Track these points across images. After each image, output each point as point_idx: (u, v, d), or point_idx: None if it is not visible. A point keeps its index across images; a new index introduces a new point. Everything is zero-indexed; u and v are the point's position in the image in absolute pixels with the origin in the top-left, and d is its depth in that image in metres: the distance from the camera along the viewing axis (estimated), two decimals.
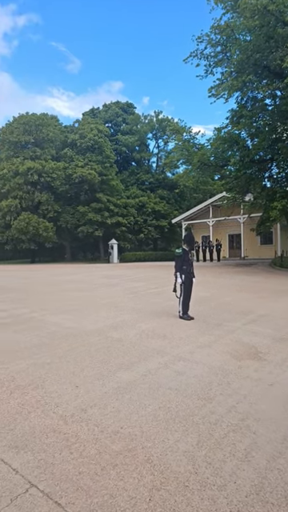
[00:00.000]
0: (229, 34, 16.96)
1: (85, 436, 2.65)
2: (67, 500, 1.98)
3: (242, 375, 3.91)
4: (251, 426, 2.81)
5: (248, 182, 19.74)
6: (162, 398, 3.32)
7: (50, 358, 4.51)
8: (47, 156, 39.08)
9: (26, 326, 6.28)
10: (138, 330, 5.89)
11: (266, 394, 3.44)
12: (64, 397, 3.35)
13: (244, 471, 2.25)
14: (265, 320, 6.68)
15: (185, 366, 4.20)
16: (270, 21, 14.69)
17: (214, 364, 4.26)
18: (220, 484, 2.12)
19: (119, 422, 2.86)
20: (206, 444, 2.54)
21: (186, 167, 25.60)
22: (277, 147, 17.18)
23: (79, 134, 40.27)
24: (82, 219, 39.36)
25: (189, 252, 7.16)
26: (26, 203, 37.63)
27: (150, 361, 4.36)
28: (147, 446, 2.51)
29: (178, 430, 2.74)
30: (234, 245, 33.24)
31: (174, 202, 46.57)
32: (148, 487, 2.09)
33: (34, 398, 3.33)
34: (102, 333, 5.74)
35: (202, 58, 18.32)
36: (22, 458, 2.36)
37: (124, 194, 43.80)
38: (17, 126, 38.82)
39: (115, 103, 51.48)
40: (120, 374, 3.93)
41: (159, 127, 47.83)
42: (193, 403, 3.21)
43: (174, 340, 5.32)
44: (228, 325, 6.29)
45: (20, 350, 4.85)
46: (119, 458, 2.38)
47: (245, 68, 16.06)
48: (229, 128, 18.93)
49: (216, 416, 2.97)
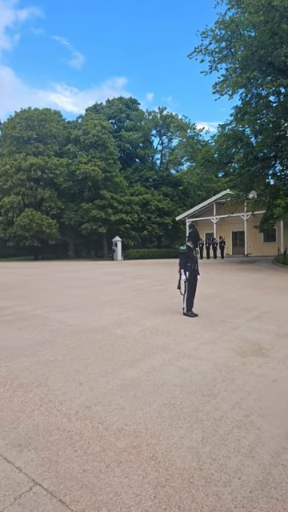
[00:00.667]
0: (233, 30, 16.84)
1: (89, 433, 2.65)
2: (72, 498, 1.97)
3: (246, 371, 3.90)
4: (255, 422, 2.80)
5: (252, 180, 19.66)
6: (166, 394, 3.32)
7: (54, 355, 4.51)
8: (50, 152, 39.02)
9: (29, 323, 6.30)
10: (142, 327, 5.89)
11: (270, 390, 3.43)
12: (68, 394, 3.35)
13: (248, 467, 2.24)
14: (268, 317, 6.66)
15: (189, 362, 4.19)
16: (274, 16, 14.54)
17: (218, 360, 4.25)
18: (225, 480, 2.12)
19: (124, 419, 2.85)
20: (210, 440, 2.54)
21: (190, 164, 25.55)
22: (280, 144, 17.08)
23: (82, 129, 40.16)
24: (85, 216, 39.32)
25: (193, 249, 7.14)
26: (28, 199, 37.60)
27: (154, 358, 4.36)
28: (152, 443, 2.51)
29: (182, 426, 2.74)
30: (238, 242, 33.15)
31: (178, 200, 46.47)
32: (153, 484, 2.09)
33: (37, 395, 3.34)
34: (105, 330, 5.75)
35: (206, 53, 18.22)
36: (26, 457, 2.36)
37: (128, 191, 43.71)
38: (19, 121, 38.71)
39: (118, 99, 51.29)
40: (124, 370, 3.93)
41: (163, 124, 47.66)
42: (197, 400, 3.20)
43: (178, 337, 5.32)
44: (232, 321, 6.27)
45: (23, 348, 4.86)
46: (124, 455, 2.38)
47: (249, 64, 15.95)
48: (233, 125, 18.84)
49: (220, 412, 2.96)
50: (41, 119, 38.81)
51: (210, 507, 1.90)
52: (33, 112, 39.49)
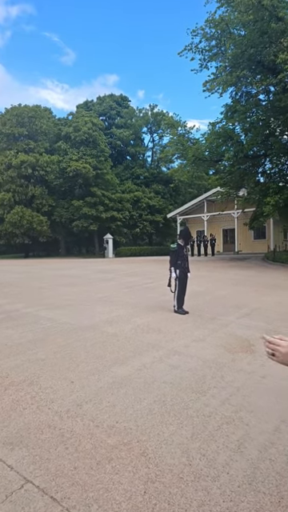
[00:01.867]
0: (223, 28, 16.90)
1: (80, 431, 2.67)
2: (63, 495, 2.00)
3: (236, 368, 3.96)
4: (244, 417, 2.85)
5: (242, 177, 19.81)
6: (156, 391, 3.35)
7: (45, 353, 4.52)
8: (41, 149, 38.67)
9: (20, 322, 6.27)
10: (134, 325, 5.92)
11: (259, 386, 3.49)
12: (59, 392, 3.36)
13: (237, 462, 2.29)
14: (258, 313, 6.75)
15: (179, 359, 4.24)
16: (264, 16, 14.65)
17: (208, 357, 4.30)
18: (213, 475, 2.16)
19: (114, 417, 2.88)
20: (200, 436, 2.58)
21: (181, 162, 25.63)
22: (270, 142, 17.25)
23: (73, 127, 39.87)
24: (76, 213, 39.13)
25: (184, 247, 7.19)
26: (19, 197, 37.22)
27: (145, 355, 4.40)
28: (142, 440, 2.54)
29: (172, 423, 2.78)
30: (228, 239, 33.41)
31: (169, 197, 46.56)
32: (143, 480, 2.12)
33: (28, 394, 3.34)
34: (97, 328, 5.76)
35: (196, 51, 18.27)
36: (17, 455, 2.37)
37: (119, 189, 43.59)
38: (9, 117, 38.23)
39: (109, 96, 51.00)
40: (115, 368, 3.96)
41: (154, 121, 47.61)
42: (187, 396, 3.24)
43: (168, 334, 5.36)
44: (222, 318, 6.34)
45: (14, 346, 4.85)
46: (114, 452, 2.40)
47: (239, 63, 16.05)
48: (223, 123, 18.94)
49: (210, 409, 3.01)
50: (31, 116, 38.39)
51: (199, 502, 1.94)
52: (23, 109, 39.04)
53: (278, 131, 17.76)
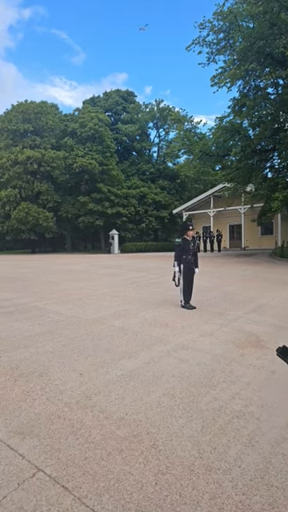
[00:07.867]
0: (232, 21, 16.69)
1: (90, 422, 2.67)
2: (74, 484, 2.00)
3: (245, 363, 3.93)
4: (255, 412, 2.83)
5: (249, 173, 19.60)
6: (165, 385, 3.34)
7: (54, 346, 4.53)
8: (47, 145, 38.65)
9: (29, 315, 6.30)
10: (141, 319, 5.91)
11: (269, 381, 3.46)
12: (68, 384, 3.37)
13: (248, 456, 2.27)
14: (266, 309, 6.69)
15: (187, 353, 4.22)
16: (273, 7, 14.41)
17: (216, 352, 4.28)
18: (225, 468, 2.15)
19: (124, 409, 2.88)
20: (210, 430, 2.57)
21: (187, 157, 25.47)
22: (279, 137, 17.03)
23: (79, 122, 39.79)
24: (82, 209, 39.17)
25: (190, 242, 7.11)
26: (25, 193, 37.34)
27: (153, 349, 4.38)
28: (152, 432, 2.53)
29: (182, 416, 2.76)
30: (235, 235, 33.21)
31: (175, 193, 46.34)
32: (154, 471, 2.11)
33: (38, 385, 3.35)
34: (104, 322, 5.76)
35: (204, 45, 18.09)
36: (28, 444, 2.38)
37: (125, 185, 43.47)
38: (15, 114, 38.27)
39: (115, 91, 50.72)
40: (123, 361, 3.95)
41: (160, 116, 47.26)
42: (196, 390, 3.23)
43: (176, 329, 5.35)
44: (230, 314, 6.31)
45: (24, 339, 4.87)
46: (125, 443, 2.40)
47: (248, 56, 15.82)
48: (231, 117, 18.75)
49: (220, 402, 2.99)
50: (37, 112, 38.37)
51: (211, 494, 1.93)
52: (29, 105, 39.01)
53: (287, 125, 17.53)
